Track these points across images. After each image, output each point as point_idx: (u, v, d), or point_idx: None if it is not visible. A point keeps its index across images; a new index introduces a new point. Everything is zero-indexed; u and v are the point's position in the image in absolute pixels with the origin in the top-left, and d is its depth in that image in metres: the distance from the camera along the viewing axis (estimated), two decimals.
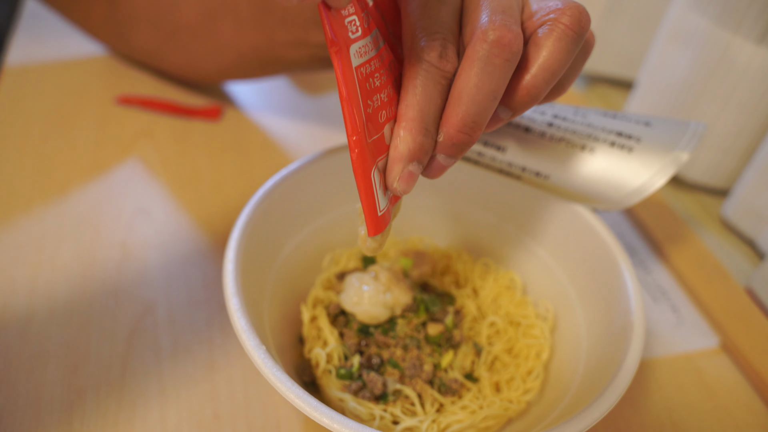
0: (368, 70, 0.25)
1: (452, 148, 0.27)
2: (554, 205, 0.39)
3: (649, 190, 0.35)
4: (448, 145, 0.27)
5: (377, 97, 0.26)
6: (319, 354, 0.35)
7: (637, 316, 0.32)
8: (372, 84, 0.26)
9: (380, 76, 0.26)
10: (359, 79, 0.25)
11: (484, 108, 0.26)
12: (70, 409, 0.36)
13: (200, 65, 0.56)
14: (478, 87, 0.26)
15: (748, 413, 0.39)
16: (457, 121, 0.26)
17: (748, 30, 0.47)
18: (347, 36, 0.24)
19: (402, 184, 0.27)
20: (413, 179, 0.27)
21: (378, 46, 0.27)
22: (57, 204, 0.48)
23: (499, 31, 0.25)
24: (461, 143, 0.27)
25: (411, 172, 0.27)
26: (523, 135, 0.37)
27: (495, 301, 0.41)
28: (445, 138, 0.27)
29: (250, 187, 0.50)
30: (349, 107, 0.25)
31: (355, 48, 0.25)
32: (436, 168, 0.28)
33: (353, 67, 0.25)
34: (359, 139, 0.25)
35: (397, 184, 0.27)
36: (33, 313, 0.40)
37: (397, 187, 0.27)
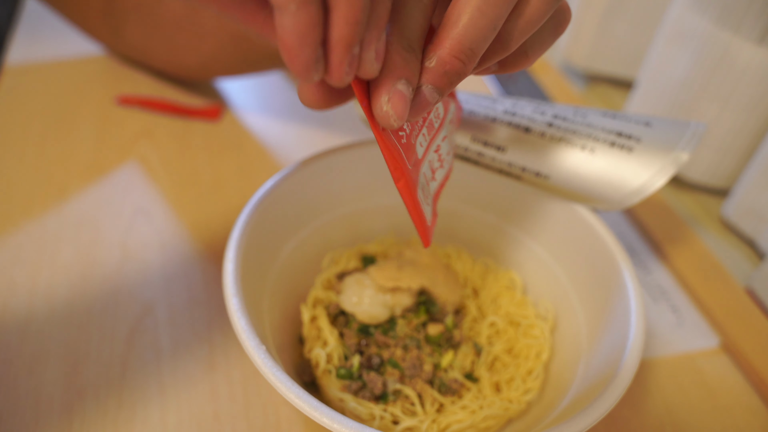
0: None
1: (443, 76, 0.24)
2: (554, 205, 0.39)
3: (649, 190, 0.35)
4: (440, 73, 0.24)
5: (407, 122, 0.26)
6: (319, 354, 0.35)
7: (637, 316, 0.32)
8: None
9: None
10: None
11: (484, 35, 0.24)
12: (70, 409, 0.36)
13: (184, 58, 0.56)
14: (481, 10, 0.23)
15: (748, 413, 0.39)
16: (454, 44, 0.24)
17: (749, 30, 0.47)
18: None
19: (392, 105, 0.23)
20: (404, 101, 0.23)
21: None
22: (57, 204, 0.48)
23: None
24: (453, 71, 0.24)
25: (400, 92, 0.23)
26: (523, 135, 0.37)
27: (495, 301, 0.41)
28: (437, 63, 0.24)
29: (249, 187, 0.50)
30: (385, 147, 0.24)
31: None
32: (419, 103, 0.24)
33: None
34: (401, 172, 0.25)
35: (386, 106, 0.23)
36: (33, 313, 0.40)
37: (386, 110, 0.23)
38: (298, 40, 0.19)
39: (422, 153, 0.28)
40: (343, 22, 0.20)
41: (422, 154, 0.28)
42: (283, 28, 0.19)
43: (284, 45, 0.19)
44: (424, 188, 0.28)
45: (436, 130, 0.30)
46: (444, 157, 0.31)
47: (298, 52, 0.19)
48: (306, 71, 0.20)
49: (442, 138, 0.30)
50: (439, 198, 0.31)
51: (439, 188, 0.31)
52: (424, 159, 0.28)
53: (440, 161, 0.30)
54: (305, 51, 0.19)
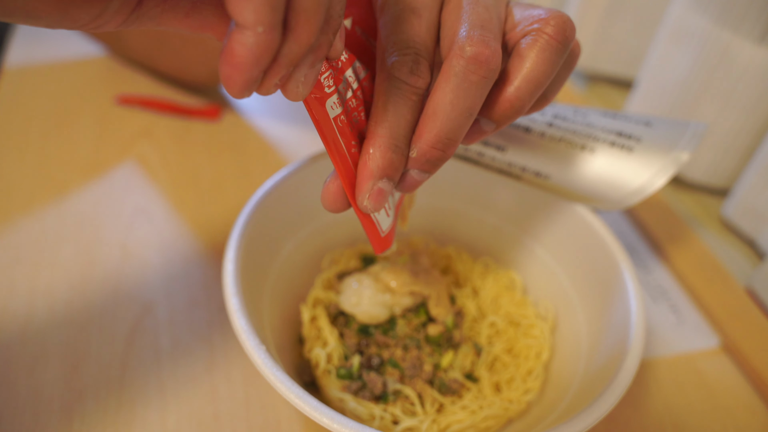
0: (348, 113, 0.26)
1: (426, 164, 0.26)
2: (554, 205, 0.39)
3: (649, 190, 0.35)
4: (422, 161, 0.26)
5: (362, 132, 0.26)
6: (319, 354, 0.35)
7: (637, 316, 0.32)
8: (353, 123, 0.26)
9: (363, 111, 0.27)
10: (339, 127, 0.25)
11: (459, 125, 0.25)
12: (70, 409, 0.36)
13: (192, 70, 0.56)
14: (453, 104, 0.25)
15: (748, 413, 0.39)
16: (431, 137, 0.25)
17: (749, 30, 0.47)
18: (323, 93, 0.24)
19: (371, 201, 0.26)
20: (383, 196, 0.26)
21: (357, 80, 0.26)
22: (57, 204, 0.48)
23: (477, 46, 0.25)
24: (435, 159, 0.26)
25: (381, 189, 0.26)
26: (523, 135, 0.37)
27: (495, 301, 0.41)
28: (418, 154, 0.26)
29: (249, 187, 0.50)
30: (333, 156, 0.25)
31: (332, 101, 0.25)
32: (409, 183, 0.27)
33: (331, 119, 0.25)
34: (348, 181, 0.26)
35: (366, 201, 0.26)
36: (33, 313, 0.40)
37: (366, 204, 0.26)
38: (253, 60, 0.19)
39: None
40: (295, 49, 0.20)
41: None
42: (242, 45, 0.19)
43: (235, 60, 0.19)
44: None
45: None
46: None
47: (246, 71, 0.19)
48: (244, 90, 0.20)
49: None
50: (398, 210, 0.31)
51: (399, 200, 0.31)
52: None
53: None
54: (254, 72, 0.19)
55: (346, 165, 0.26)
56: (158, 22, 0.22)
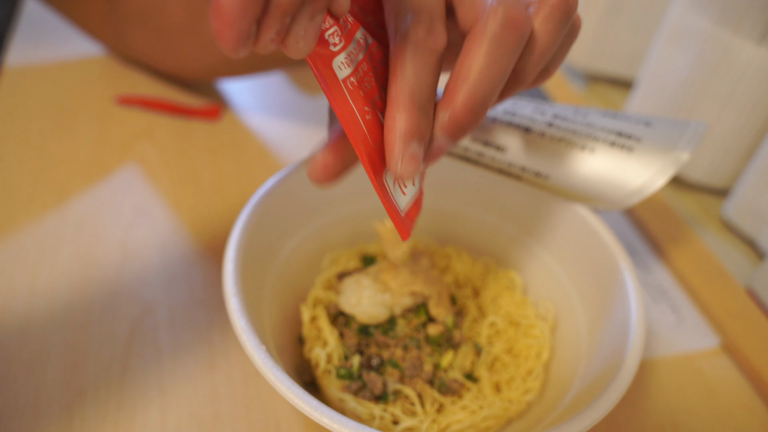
0: (358, 76, 0.24)
1: (457, 129, 0.25)
2: (554, 205, 0.39)
3: (649, 190, 0.35)
4: (454, 127, 0.25)
5: (373, 100, 0.25)
6: (319, 354, 0.35)
7: (637, 316, 0.32)
8: (365, 89, 0.25)
9: (372, 77, 0.25)
10: (349, 90, 0.24)
11: (492, 89, 0.24)
12: (70, 409, 0.36)
13: (189, 64, 0.56)
14: (489, 65, 0.24)
15: (748, 414, 0.39)
16: (465, 100, 0.24)
17: (749, 30, 0.47)
18: (328, 51, 0.23)
19: (406, 165, 0.24)
20: (416, 161, 0.24)
21: (366, 46, 0.25)
22: (57, 204, 0.48)
23: (512, 10, 0.24)
24: (466, 124, 0.25)
25: (413, 153, 0.24)
26: (523, 135, 0.37)
27: (495, 301, 0.41)
28: (450, 118, 0.25)
29: (249, 187, 0.50)
30: (345, 122, 0.24)
31: (339, 60, 0.23)
32: (435, 151, 0.26)
33: (340, 81, 0.23)
34: (364, 148, 0.24)
35: (401, 167, 0.24)
36: (33, 313, 0.40)
37: (402, 170, 0.24)
38: (240, 10, 0.18)
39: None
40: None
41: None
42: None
43: (223, 14, 0.18)
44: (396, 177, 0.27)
45: None
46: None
47: (234, 23, 0.18)
48: (237, 45, 0.19)
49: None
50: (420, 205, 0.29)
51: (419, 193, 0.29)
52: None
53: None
54: (243, 24, 0.18)
55: (359, 131, 0.24)
56: None
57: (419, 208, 0.28)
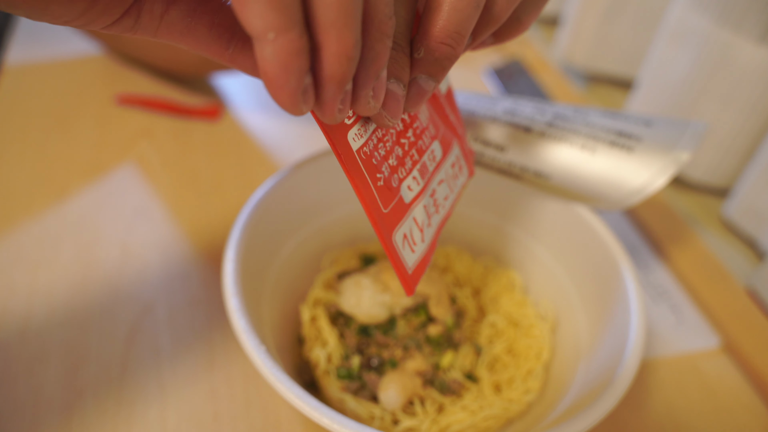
0: (372, 144, 0.24)
1: (434, 64, 0.24)
2: (554, 205, 0.39)
3: (649, 190, 0.35)
4: (430, 61, 0.24)
5: (387, 164, 0.25)
6: (318, 354, 0.35)
7: (637, 316, 0.32)
8: (379, 155, 0.25)
9: (389, 138, 0.25)
10: (363, 159, 0.24)
11: (467, 15, 0.23)
12: (70, 409, 0.36)
13: (183, 58, 0.56)
14: None
15: (748, 414, 0.39)
16: (438, 30, 0.23)
17: (749, 29, 0.47)
18: (343, 124, 0.23)
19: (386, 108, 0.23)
20: (397, 101, 0.23)
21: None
22: (57, 204, 0.48)
23: None
24: (443, 57, 0.24)
25: (391, 92, 0.23)
26: (523, 135, 0.37)
27: (495, 301, 0.41)
28: (425, 52, 0.23)
29: (249, 187, 0.50)
30: (359, 190, 0.24)
31: (353, 133, 0.23)
32: (417, 93, 0.24)
33: (354, 152, 0.23)
34: (375, 215, 0.25)
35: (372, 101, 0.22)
36: (33, 313, 0.40)
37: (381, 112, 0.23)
38: (281, 68, 0.18)
39: (412, 197, 0.27)
40: (334, 59, 0.18)
41: (411, 199, 0.27)
42: (265, 59, 0.18)
43: (267, 77, 0.18)
44: (413, 233, 0.27)
45: (431, 174, 0.29)
46: (439, 201, 0.29)
47: (282, 83, 0.18)
48: (293, 102, 0.19)
49: (438, 182, 0.29)
50: (436, 244, 0.29)
51: (435, 235, 0.29)
52: (415, 204, 0.27)
53: (435, 206, 0.29)
54: (290, 80, 0.18)
55: (371, 197, 0.24)
56: (153, 34, 0.22)
57: (427, 263, 0.28)
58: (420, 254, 0.28)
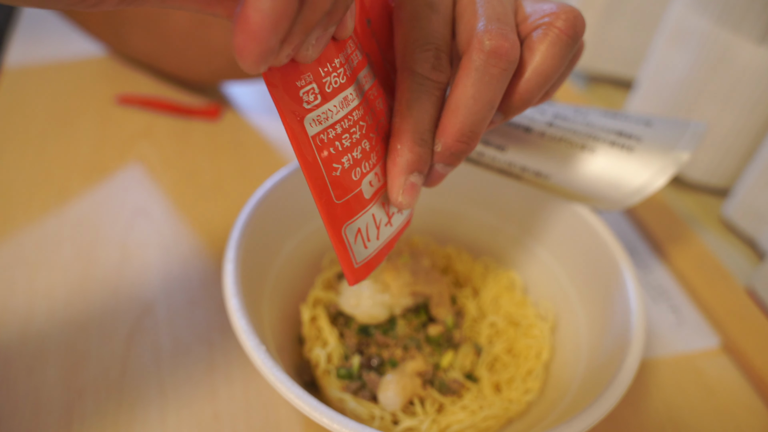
0: (334, 133, 0.24)
1: (450, 157, 0.27)
2: (554, 205, 0.39)
3: (649, 190, 0.35)
4: (447, 155, 0.27)
5: (348, 156, 0.25)
6: (318, 354, 0.35)
7: (637, 316, 0.32)
8: (341, 145, 0.25)
9: (356, 131, 0.25)
10: (317, 146, 0.24)
11: (482, 117, 0.26)
12: (70, 410, 0.36)
13: (194, 68, 0.56)
14: (475, 97, 0.25)
15: (748, 414, 0.39)
16: (455, 131, 0.26)
17: (749, 30, 0.47)
18: (301, 108, 0.23)
19: (406, 196, 0.27)
20: (416, 190, 0.27)
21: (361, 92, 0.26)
22: (57, 204, 0.48)
23: (496, 39, 0.25)
24: (459, 152, 0.27)
25: (413, 184, 0.27)
26: (523, 135, 0.37)
27: (495, 301, 0.41)
28: (443, 148, 0.27)
29: (249, 187, 0.50)
30: (309, 176, 0.24)
31: (311, 118, 0.23)
32: (435, 177, 0.28)
33: (309, 137, 0.24)
34: (324, 205, 0.25)
35: (402, 197, 0.26)
36: (32, 313, 0.40)
37: (402, 200, 0.27)
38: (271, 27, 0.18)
39: (372, 193, 0.27)
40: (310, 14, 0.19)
41: (372, 194, 0.27)
42: (258, 10, 0.17)
43: (250, 27, 0.18)
44: (369, 229, 0.27)
45: None
46: None
47: (262, 39, 0.18)
48: (259, 61, 0.19)
49: None
50: (394, 244, 0.30)
51: (395, 235, 0.30)
52: (374, 200, 0.27)
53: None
54: (271, 40, 0.18)
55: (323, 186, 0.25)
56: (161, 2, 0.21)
57: (381, 260, 0.29)
58: (373, 251, 0.28)
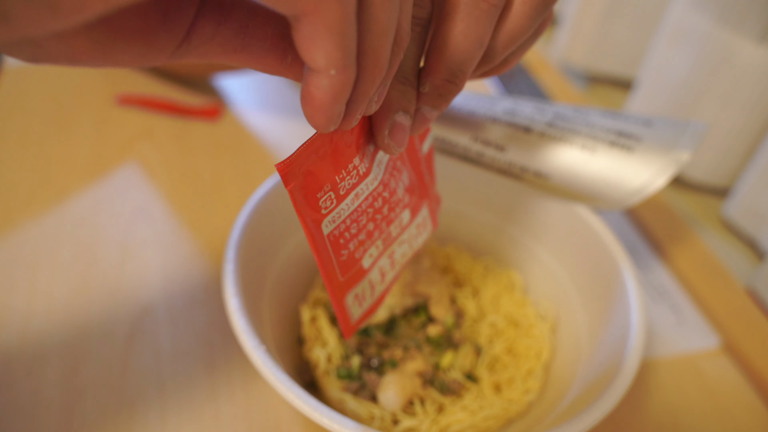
0: (344, 226, 0.26)
1: (438, 98, 0.26)
2: (554, 205, 0.39)
3: (649, 190, 0.35)
4: (434, 96, 0.26)
5: (354, 241, 0.27)
6: (318, 354, 0.35)
7: (637, 316, 0.32)
8: (349, 234, 0.27)
9: (363, 218, 0.27)
10: (331, 241, 0.26)
11: (471, 56, 0.25)
12: (70, 410, 0.36)
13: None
14: (464, 33, 0.25)
15: (748, 414, 0.39)
16: (444, 69, 0.25)
17: (749, 29, 0.47)
18: (319, 215, 0.25)
19: (393, 137, 0.25)
20: (403, 131, 0.26)
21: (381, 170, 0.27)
22: (57, 204, 0.48)
23: None
24: (447, 93, 0.26)
25: (399, 123, 0.25)
26: (523, 135, 0.37)
27: (495, 301, 0.41)
28: (431, 88, 0.26)
29: (249, 187, 0.50)
30: (321, 263, 0.26)
31: (327, 220, 0.25)
32: (421, 121, 0.27)
33: (324, 236, 0.25)
34: (332, 283, 0.27)
35: (388, 139, 0.25)
36: (32, 314, 0.40)
37: (388, 142, 0.25)
38: (332, 99, 0.20)
39: (370, 263, 0.29)
40: (369, 83, 0.21)
41: (370, 264, 0.29)
42: (319, 88, 0.19)
43: (315, 102, 0.20)
44: (365, 292, 0.29)
45: (394, 239, 0.30)
46: (397, 259, 0.31)
47: (327, 108, 0.20)
48: (328, 126, 0.21)
49: (399, 243, 0.31)
50: (385, 296, 0.32)
51: (386, 289, 0.31)
52: (372, 268, 0.29)
53: (392, 265, 0.31)
54: (333, 109, 0.20)
55: (331, 268, 0.26)
56: (205, 56, 0.22)
57: (373, 311, 0.31)
58: (367, 308, 0.30)
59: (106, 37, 0.19)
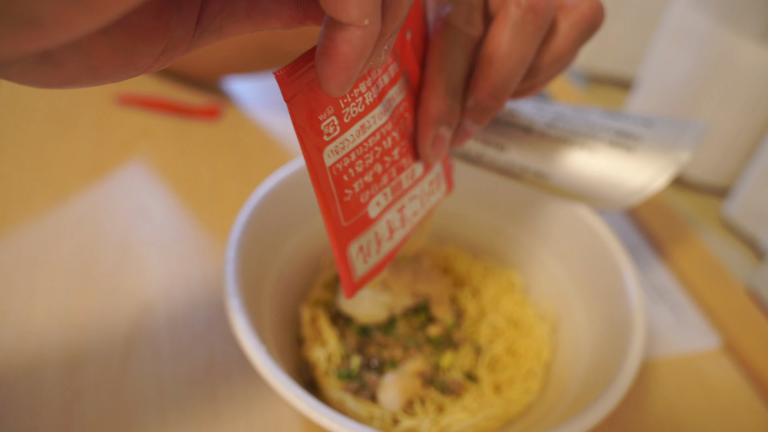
0: (349, 161, 0.25)
1: (481, 113, 0.27)
2: (555, 205, 0.39)
3: (650, 190, 0.35)
4: (477, 111, 0.27)
5: (360, 181, 0.26)
6: (318, 354, 0.35)
7: (637, 316, 0.32)
8: (354, 171, 0.25)
9: (369, 156, 0.26)
10: (334, 175, 0.25)
11: (514, 73, 0.26)
12: (69, 410, 0.36)
13: (202, 60, 0.56)
14: (509, 52, 0.25)
15: (748, 414, 0.39)
16: (488, 85, 0.26)
17: (750, 29, 0.47)
18: (321, 140, 0.24)
19: (434, 149, 0.26)
20: (444, 144, 0.27)
21: (389, 109, 0.26)
22: (56, 204, 0.48)
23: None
24: (490, 108, 0.27)
25: (442, 137, 0.26)
26: (523, 135, 0.37)
27: (495, 301, 0.41)
28: (475, 103, 0.26)
29: (250, 186, 0.50)
30: (322, 201, 0.25)
31: (329, 149, 0.24)
32: (462, 135, 0.28)
33: (326, 167, 0.24)
34: (333, 226, 0.26)
35: (430, 150, 0.26)
36: (32, 314, 0.40)
37: (429, 153, 0.26)
38: (359, 55, 0.19)
39: (377, 213, 0.27)
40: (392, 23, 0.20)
41: (377, 214, 0.27)
42: (348, 42, 0.18)
43: (340, 60, 0.19)
44: (370, 246, 0.28)
45: (405, 191, 0.29)
46: (407, 216, 0.30)
47: (353, 66, 0.19)
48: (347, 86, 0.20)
49: (410, 198, 0.30)
50: (393, 258, 0.30)
51: (394, 249, 0.30)
52: (379, 219, 0.28)
53: (402, 221, 0.30)
54: (359, 66, 0.19)
55: (333, 209, 0.25)
56: (220, 34, 0.21)
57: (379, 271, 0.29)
58: (372, 265, 0.29)
59: (125, 41, 0.17)
